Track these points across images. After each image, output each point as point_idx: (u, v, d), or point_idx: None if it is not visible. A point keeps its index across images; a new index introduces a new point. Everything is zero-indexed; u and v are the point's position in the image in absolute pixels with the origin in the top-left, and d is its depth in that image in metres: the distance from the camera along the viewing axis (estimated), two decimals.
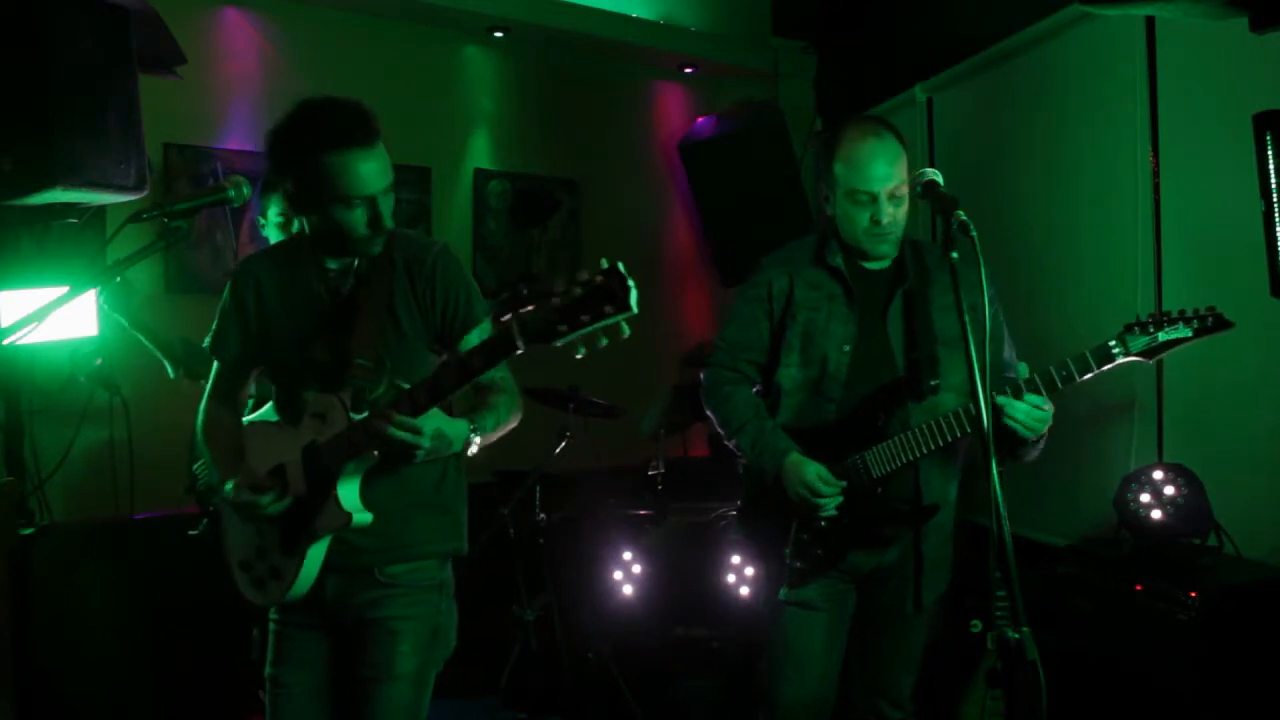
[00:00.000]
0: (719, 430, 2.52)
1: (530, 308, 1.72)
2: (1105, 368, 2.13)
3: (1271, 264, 2.35)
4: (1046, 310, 3.72)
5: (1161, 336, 2.11)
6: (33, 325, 1.84)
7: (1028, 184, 3.98)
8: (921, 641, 2.51)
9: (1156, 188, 3.36)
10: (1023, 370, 2.19)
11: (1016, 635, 1.61)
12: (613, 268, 1.65)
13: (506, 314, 3.82)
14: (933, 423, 2.24)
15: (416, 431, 1.89)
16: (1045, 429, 2.20)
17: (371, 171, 1.98)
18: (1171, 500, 2.93)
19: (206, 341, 2.25)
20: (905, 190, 2.34)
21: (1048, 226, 3.86)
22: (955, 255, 1.83)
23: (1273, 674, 2.57)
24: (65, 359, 3.36)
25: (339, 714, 2.18)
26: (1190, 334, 2.12)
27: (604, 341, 1.68)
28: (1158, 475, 2.97)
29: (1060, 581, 3.04)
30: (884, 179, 2.30)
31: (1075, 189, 3.73)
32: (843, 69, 5.45)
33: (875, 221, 2.33)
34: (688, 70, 5.42)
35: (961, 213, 1.85)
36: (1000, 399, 2.14)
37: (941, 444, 2.24)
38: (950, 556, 2.50)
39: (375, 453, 1.99)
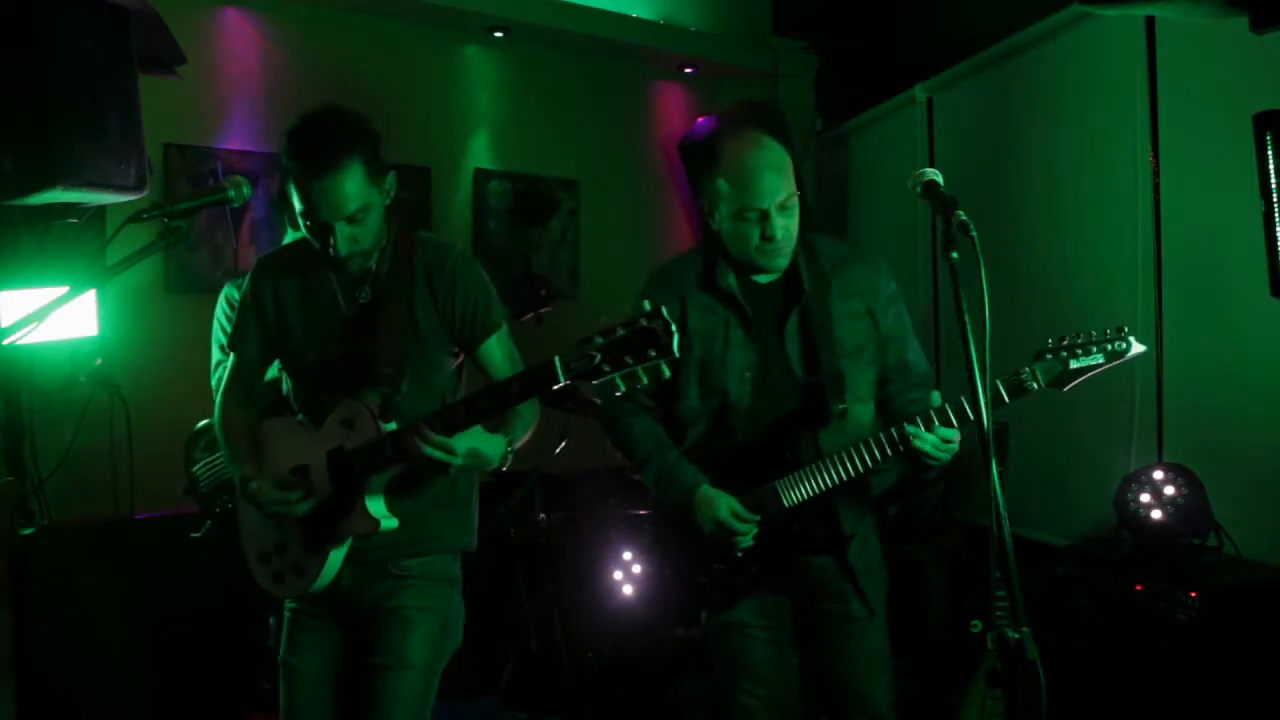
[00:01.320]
0: (624, 461, 2.37)
1: (574, 348, 1.77)
2: (1018, 399, 2.05)
3: (1271, 264, 2.35)
4: (1045, 310, 3.72)
5: (1072, 364, 2.03)
6: (33, 325, 1.83)
7: (1028, 184, 3.98)
8: (883, 647, 2.35)
9: (1156, 188, 3.36)
10: (935, 399, 2.08)
11: (1016, 635, 1.61)
12: (656, 311, 1.73)
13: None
14: (849, 450, 2.14)
15: (450, 451, 1.93)
16: (949, 458, 2.10)
17: (327, 200, 1.96)
18: (1171, 500, 2.93)
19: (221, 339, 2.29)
20: (795, 199, 2.19)
21: (1048, 226, 3.86)
22: (955, 255, 1.81)
23: (1273, 674, 2.57)
24: (65, 359, 3.35)
25: (349, 702, 2.20)
26: (1103, 360, 2.04)
27: (645, 380, 1.74)
28: (1158, 475, 2.97)
29: (1060, 581, 3.04)
30: (773, 192, 2.15)
31: (1075, 189, 3.73)
32: (843, 69, 5.45)
33: (768, 238, 2.17)
34: (688, 70, 5.42)
35: (961, 213, 1.84)
36: (910, 429, 2.06)
37: (859, 471, 2.14)
38: (880, 557, 2.38)
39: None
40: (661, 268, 2.40)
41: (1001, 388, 2.05)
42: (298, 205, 2.00)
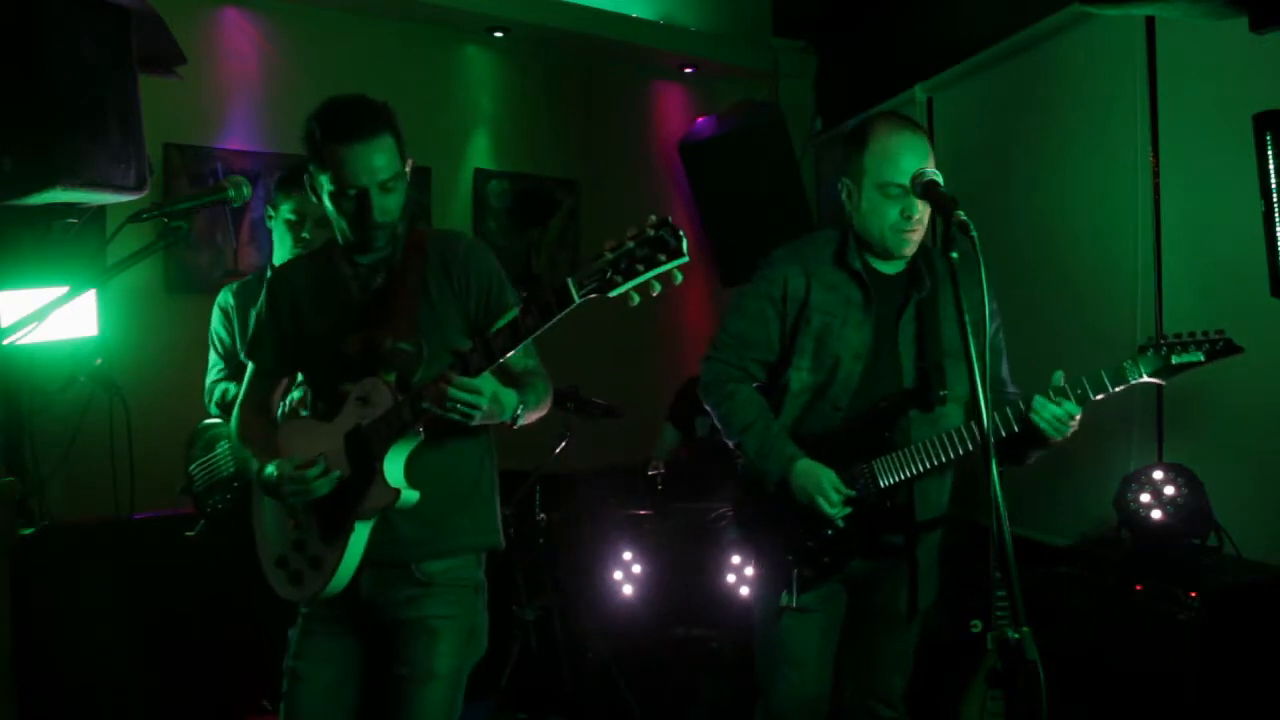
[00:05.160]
0: (718, 426, 2.45)
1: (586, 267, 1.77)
2: (1119, 389, 2.14)
3: (1271, 264, 2.35)
4: (1046, 310, 3.72)
5: (1174, 360, 2.13)
6: (33, 325, 1.84)
7: (1028, 184, 3.98)
8: (913, 644, 2.49)
9: (1156, 188, 3.36)
10: (1057, 379, 2.16)
11: (1016, 635, 1.62)
12: (664, 219, 1.73)
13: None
14: (942, 437, 2.22)
15: (476, 391, 1.90)
16: (1067, 433, 2.18)
17: (366, 164, 2.01)
18: (1171, 500, 2.93)
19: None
20: None
21: (1048, 226, 3.86)
22: (955, 256, 1.82)
23: (1273, 674, 2.57)
24: (65, 359, 3.35)
25: (368, 714, 2.17)
26: (1202, 358, 2.14)
27: (658, 288, 1.76)
28: (1158, 475, 2.97)
29: (1060, 581, 3.04)
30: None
31: (1075, 189, 3.73)
32: (843, 69, 5.45)
33: (906, 216, 2.25)
34: (688, 70, 5.42)
35: (961, 213, 1.85)
36: (1038, 399, 2.15)
37: (949, 458, 2.22)
38: (936, 566, 2.48)
39: (420, 430, 2.01)
40: (794, 242, 2.46)
41: (1105, 378, 2.13)
42: (327, 186, 2.03)
